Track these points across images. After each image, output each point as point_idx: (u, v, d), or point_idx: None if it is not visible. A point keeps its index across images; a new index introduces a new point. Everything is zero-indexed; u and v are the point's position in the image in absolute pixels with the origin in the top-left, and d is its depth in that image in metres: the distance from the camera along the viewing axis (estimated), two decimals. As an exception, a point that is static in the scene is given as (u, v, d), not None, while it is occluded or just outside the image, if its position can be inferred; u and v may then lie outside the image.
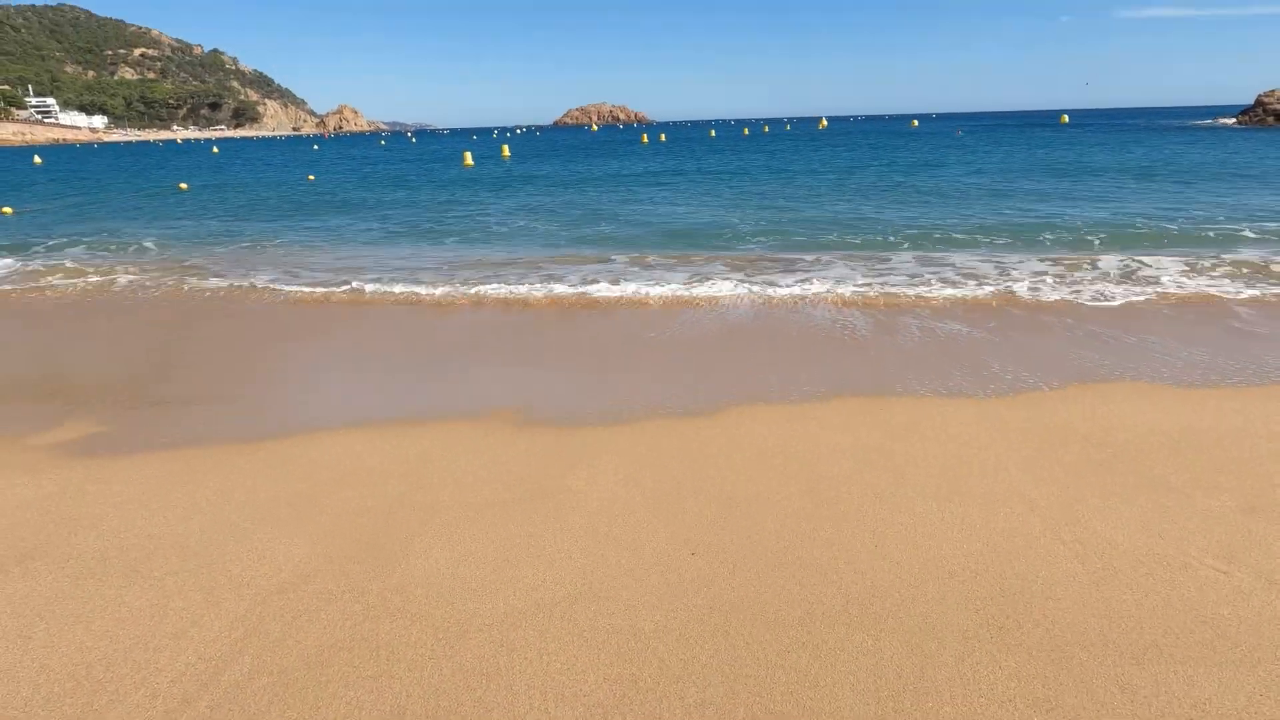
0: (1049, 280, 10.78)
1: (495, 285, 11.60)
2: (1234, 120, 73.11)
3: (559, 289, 11.21)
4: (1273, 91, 69.09)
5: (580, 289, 11.17)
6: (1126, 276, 10.93)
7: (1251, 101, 71.36)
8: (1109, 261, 11.88)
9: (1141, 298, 9.68)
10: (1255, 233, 14.18)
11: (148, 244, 17.17)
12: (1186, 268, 11.31)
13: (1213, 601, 3.43)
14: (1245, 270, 11.15)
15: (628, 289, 10.99)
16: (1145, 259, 11.97)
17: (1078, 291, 10.07)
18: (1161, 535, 3.98)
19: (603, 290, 10.98)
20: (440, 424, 5.86)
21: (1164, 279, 10.64)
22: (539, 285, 11.49)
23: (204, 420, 6.12)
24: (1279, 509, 4.22)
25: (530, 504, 4.54)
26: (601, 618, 3.46)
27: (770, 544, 4.02)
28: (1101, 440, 5.20)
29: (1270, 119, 67.16)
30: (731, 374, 6.99)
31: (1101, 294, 9.92)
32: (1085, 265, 11.70)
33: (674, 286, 11.06)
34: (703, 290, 10.77)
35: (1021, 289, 10.27)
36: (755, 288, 10.83)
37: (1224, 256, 12.03)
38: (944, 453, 5.07)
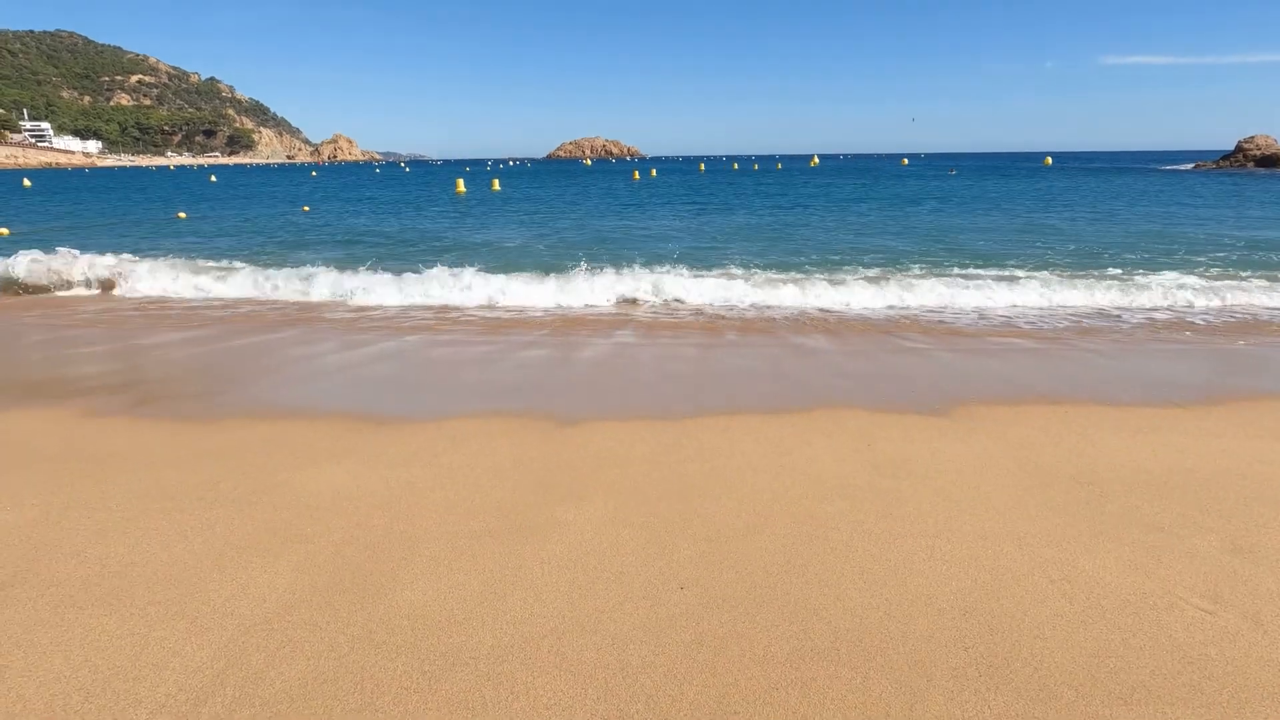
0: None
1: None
2: (1214, 164, 74.60)
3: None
4: (1253, 138, 70.69)
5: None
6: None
7: (1232, 147, 72.97)
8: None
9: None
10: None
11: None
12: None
13: (1200, 642, 3.44)
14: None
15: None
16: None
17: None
18: (1148, 575, 4.00)
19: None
20: (428, 453, 5.84)
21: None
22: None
23: (187, 447, 6.07)
24: (1264, 550, 4.25)
25: (517, 535, 4.52)
26: (589, 651, 3.43)
27: (759, 579, 4.01)
28: (1089, 479, 5.24)
29: (1250, 164, 68.60)
30: (718, 392, 7.01)
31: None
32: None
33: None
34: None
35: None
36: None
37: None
38: (933, 489, 5.09)
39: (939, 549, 4.29)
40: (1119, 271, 14.98)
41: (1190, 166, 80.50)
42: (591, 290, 12.86)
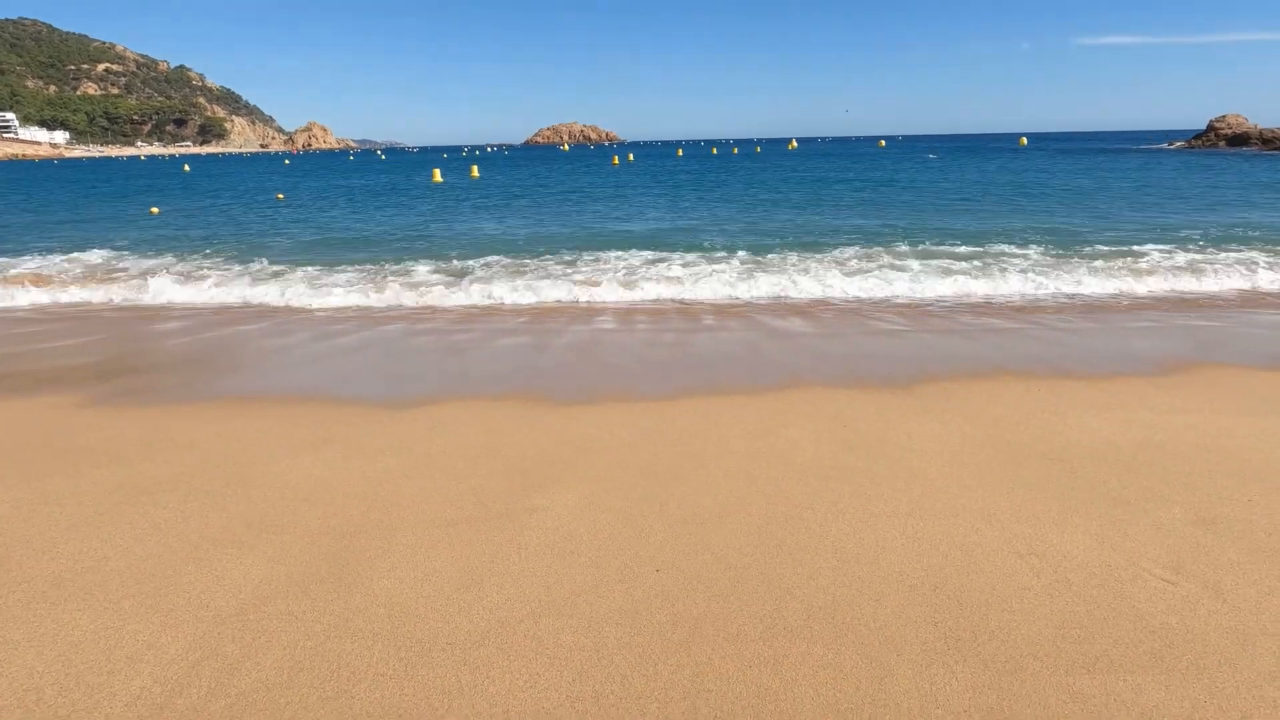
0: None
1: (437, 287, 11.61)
2: (1184, 144, 75.46)
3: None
4: (1223, 117, 71.56)
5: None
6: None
7: (1204, 126, 73.83)
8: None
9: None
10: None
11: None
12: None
13: (1161, 611, 3.53)
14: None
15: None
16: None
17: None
18: (1114, 547, 4.08)
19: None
20: (405, 441, 5.83)
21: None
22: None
23: (162, 438, 6.02)
24: (1226, 521, 4.35)
25: (494, 522, 4.53)
26: (565, 634, 3.46)
27: (733, 560, 4.05)
28: (1059, 455, 5.33)
29: (1221, 143, 69.46)
30: (694, 374, 7.04)
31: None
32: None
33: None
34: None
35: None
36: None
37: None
38: (907, 469, 5.16)
39: (911, 527, 4.36)
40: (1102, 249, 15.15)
41: (1165, 145, 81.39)
42: (565, 286, 12.55)
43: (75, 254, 17.86)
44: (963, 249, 15.68)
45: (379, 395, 7.22)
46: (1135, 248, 15.23)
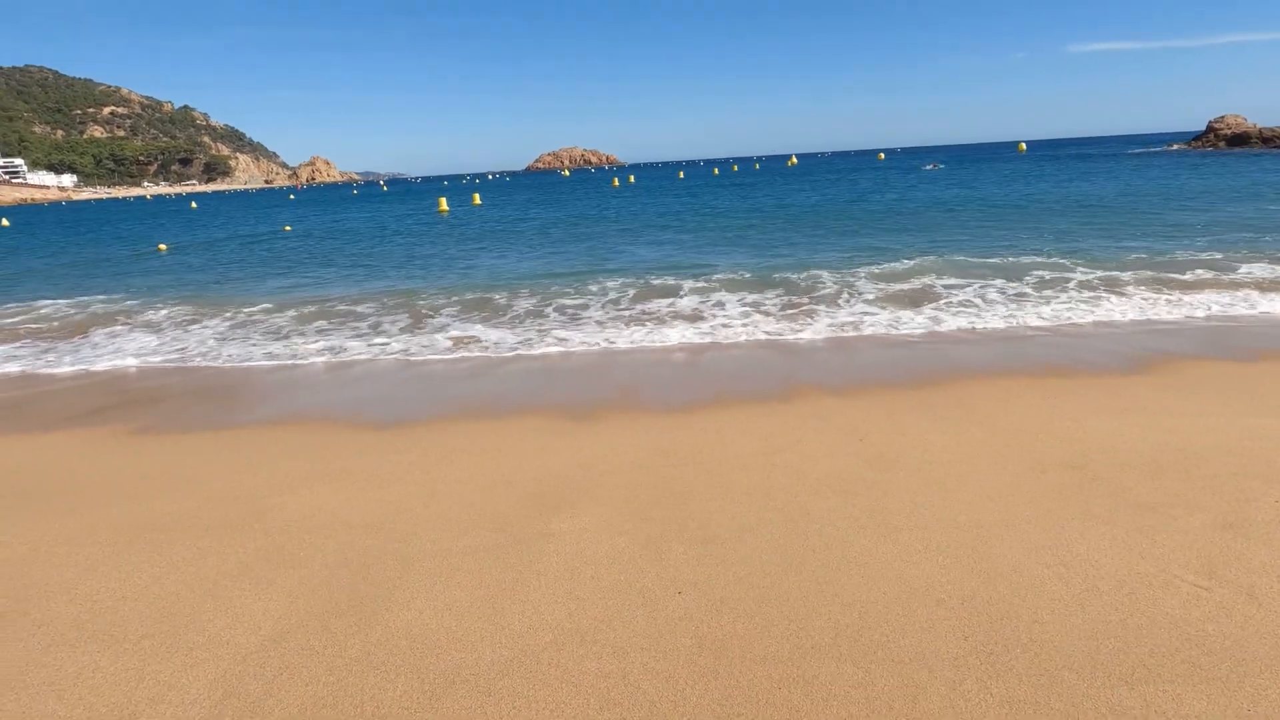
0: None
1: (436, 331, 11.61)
2: (1185, 145, 75.46)
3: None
4: (1223, 118, 71.58)
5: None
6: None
7: (1203, 128, 73.88)
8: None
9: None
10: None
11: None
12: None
13: (1197, 618, 3.46)
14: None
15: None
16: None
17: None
18: (1142, 555, 4.02)
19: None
20: (418, 469, 5.81)
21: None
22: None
23: (177, 475, 6.01)
24: (1254, 524, 4.28)
25: (512, 548, 4.49)
26: (589, 661, 3.41)
27: (756, 580, 4.00)
28: (1080, 463, 5.26)
29: (1221, 144, 69.43)
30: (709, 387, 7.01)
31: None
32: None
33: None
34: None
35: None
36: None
37: None
38: (926, 481, 5.10)
39: (934, 540, 4.30)
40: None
41: (1161, 148, 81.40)
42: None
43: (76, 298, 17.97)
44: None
45: (390, 416, 7.20)
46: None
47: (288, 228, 37.74)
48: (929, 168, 74.29)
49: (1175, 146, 79.37)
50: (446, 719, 3.10)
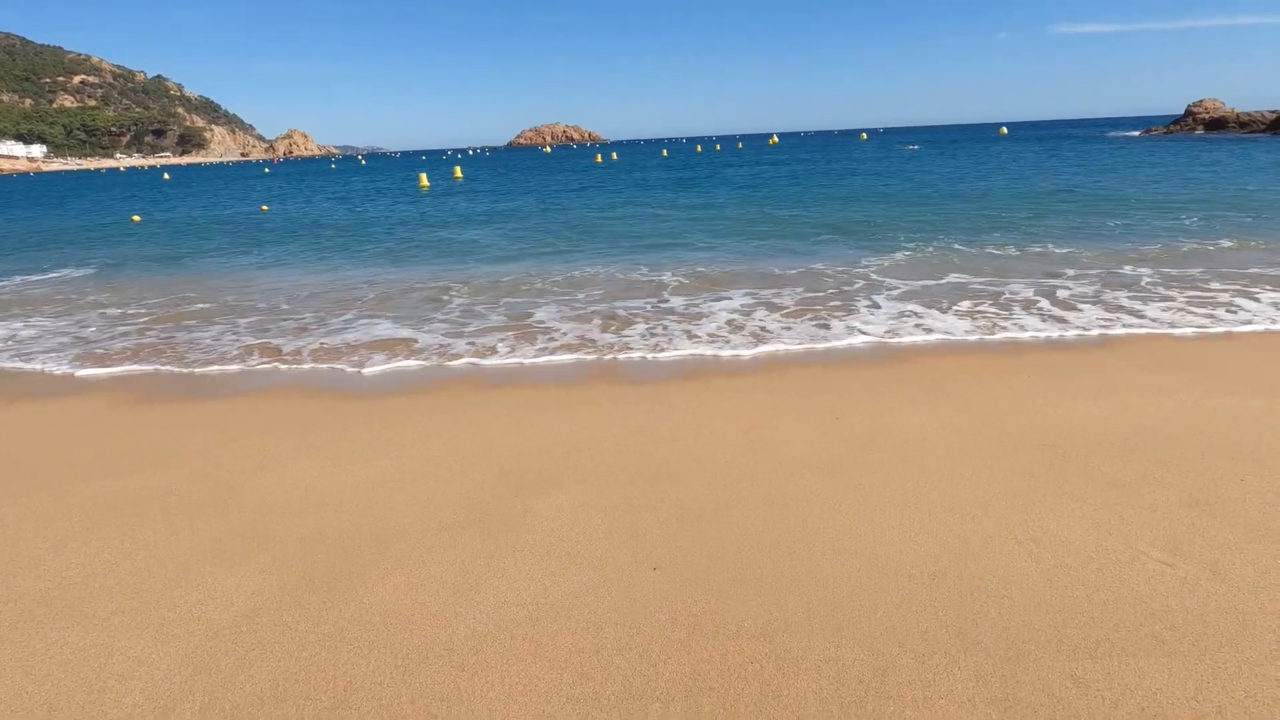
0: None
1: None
2: (1164, 129, 76.04)
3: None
4: (1201, 102, 72.19)
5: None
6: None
7: (1182, 112, 74.48)
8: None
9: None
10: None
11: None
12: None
13: (1161, 594, 3.52)
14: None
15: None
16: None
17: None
18: (1110, 531, 4.08)
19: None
20: (395, 448, 5.77)
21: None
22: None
23: (148, 452, 5.94)
24: (1220, 502, 4.36)
25: (489, 526, 4.49)
26: (564, 636, 3.42)
27: (731, 557, 4.02)
28: (1053, 442, 5.33)
29: (1200, 128, 70.05)
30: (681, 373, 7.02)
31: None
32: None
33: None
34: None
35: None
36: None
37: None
38: (902, 460, 5.15)
39: (908, 518, 4.34)
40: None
41: (1139, 132, 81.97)
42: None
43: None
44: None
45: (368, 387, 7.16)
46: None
47: (265, 208, 37.09)
48: (909, 148, 74.63)
49: (1155, 130, 79.91)
50: (419, 693, 3.10)
